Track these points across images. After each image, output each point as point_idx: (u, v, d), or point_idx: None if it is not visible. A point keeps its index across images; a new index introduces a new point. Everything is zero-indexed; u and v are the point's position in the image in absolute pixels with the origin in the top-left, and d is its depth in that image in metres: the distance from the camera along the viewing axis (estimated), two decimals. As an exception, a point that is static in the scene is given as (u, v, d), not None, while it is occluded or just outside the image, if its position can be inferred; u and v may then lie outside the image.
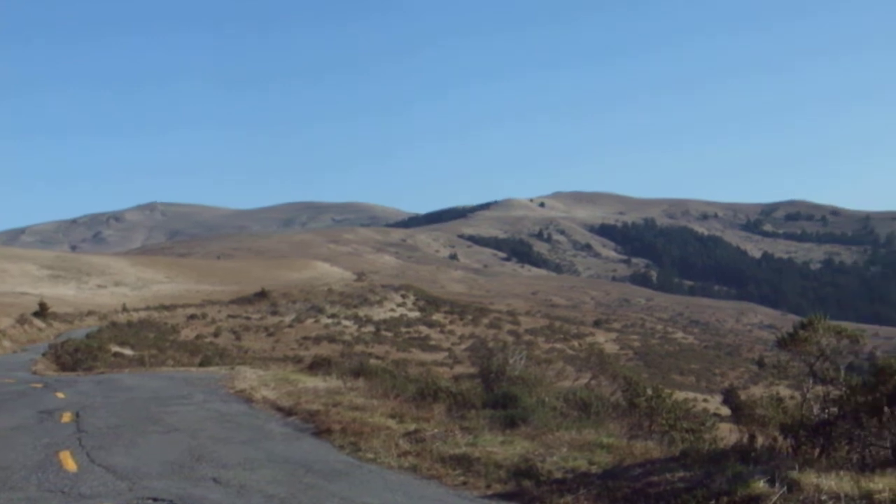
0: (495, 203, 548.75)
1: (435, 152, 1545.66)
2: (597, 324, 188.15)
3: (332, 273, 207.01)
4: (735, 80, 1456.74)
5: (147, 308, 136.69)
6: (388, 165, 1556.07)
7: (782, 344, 22.33)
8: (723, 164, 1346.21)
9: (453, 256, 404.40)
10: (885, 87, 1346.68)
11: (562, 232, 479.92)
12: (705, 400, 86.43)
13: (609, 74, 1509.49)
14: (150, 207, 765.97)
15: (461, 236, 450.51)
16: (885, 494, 13.23)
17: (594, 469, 17.11)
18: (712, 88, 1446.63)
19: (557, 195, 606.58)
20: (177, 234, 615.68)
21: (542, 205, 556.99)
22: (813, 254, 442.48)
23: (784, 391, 34.61)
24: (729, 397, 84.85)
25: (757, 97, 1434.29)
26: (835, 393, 20.55)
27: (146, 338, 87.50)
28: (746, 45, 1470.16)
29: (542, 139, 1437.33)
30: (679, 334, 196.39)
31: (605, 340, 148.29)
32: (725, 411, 65.34)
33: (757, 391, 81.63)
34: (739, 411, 29.03)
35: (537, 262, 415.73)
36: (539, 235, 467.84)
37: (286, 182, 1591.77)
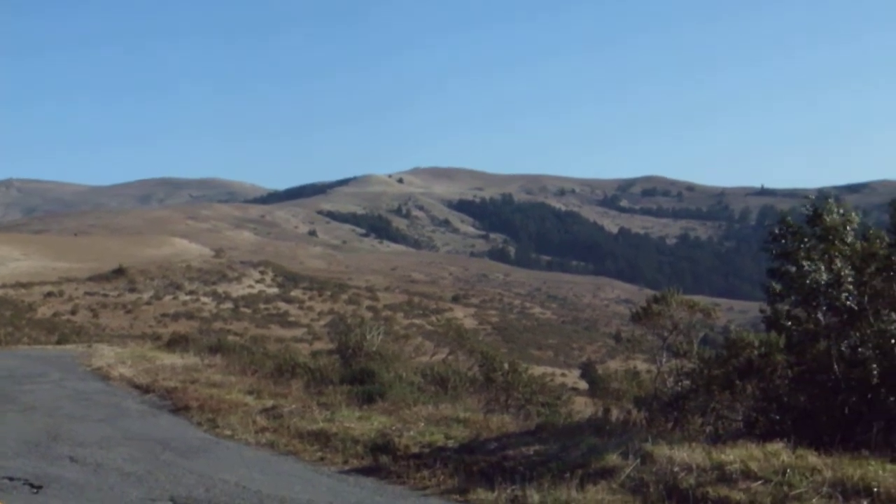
0: (354, 179, 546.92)
1: (294, 129, 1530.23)
2: (455, 299, 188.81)
3: (190, 250, 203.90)
4: (587, 54, 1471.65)
5: (3, 286, 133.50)
6: (248, 141, 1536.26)
7: (637, 318, 22.71)
8: (580, 140, 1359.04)
9: (312, 233, 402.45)
10: (738, 63, 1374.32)
11: (420, 208, 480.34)
12: (563, 374, 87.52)
13: (464, 49, 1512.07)
14: (6, 184, 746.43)
15: (320, 212, 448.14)
16: (736, 465, 13.42)
17: (451, 443, 17.19)
18: (566, 61, 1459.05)
19: (416, 171, 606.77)
20: (33, 210, 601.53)
21: (400, 181, 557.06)
22: (669, 229, 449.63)
23: (641, 365, 35.31)
24: (586, 371, 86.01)
25: (610, 70, 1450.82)
26: (688, 366, 20.92)
27: (1, 316, 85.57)
28: (596, 17, 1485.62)
29: (401, 116, 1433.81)
30: (537, 309, 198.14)
31: (463, 316, 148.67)
32: (583, 385, 66.11)
33: (614, 365, 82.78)
34: (596, 385, 29.47)
35: (396, 238, 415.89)
36: (398, 211, 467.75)
37: (143, 158, 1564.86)
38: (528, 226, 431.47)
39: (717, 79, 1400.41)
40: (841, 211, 17.18)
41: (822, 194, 19.89)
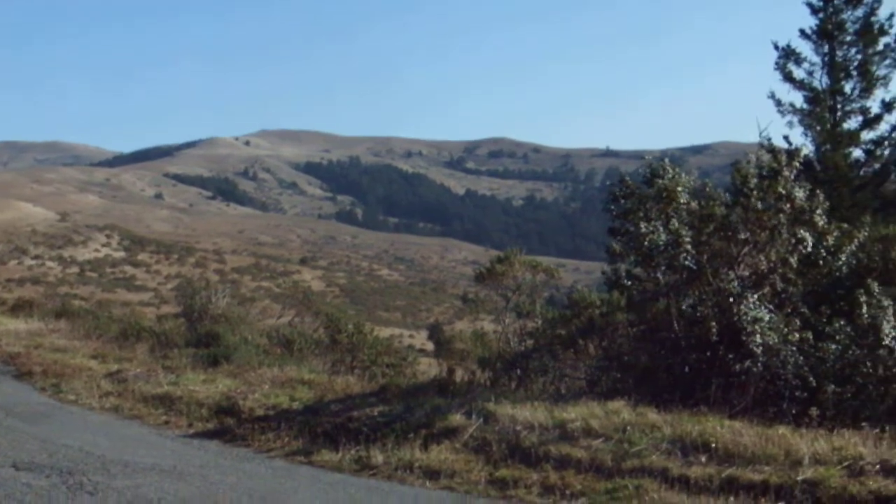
0: (201, 142, 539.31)
1: (140, 90, 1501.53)
2: (303, 262, 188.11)
3: (35, 214, 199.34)
4: (429, 13, 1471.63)
5: None
6: (92, 103, 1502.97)
7: (480, 278, 22.85)
8: (427, 102, 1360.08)
9: (159, 196, 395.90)
10: (578, 20, 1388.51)
11: (267, 170, 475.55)
12: (411, 336, 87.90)
13: (309, 12, 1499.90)
14: None
15: (167, 175, 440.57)
16: (578, 423, 13.61)
17: (296, 405, 17.27)
18: (407, 20, 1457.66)
19: (263, 133, 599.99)
20: None
21: (247, 143, 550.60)
22: (515, 190, 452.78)
23: (488, 326, 35.48)
24: (434, 333, 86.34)
25: (455, 28, 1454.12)
26: (531, 326, 21.12)
27: None
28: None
29: (248, 77, 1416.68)
30: (385, 271, 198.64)
31: (311, 278, 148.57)
32: (431, 347, 66.38)
33: (461, 326, 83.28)
34: (441, 346, 29.60)
35: (243, 200, 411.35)
36: (245, 174, 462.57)
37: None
38: (376, 188, 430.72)
39: (558, 35, 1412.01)
40: (673, 172, 17.45)
41: (666, 155, 20.22)
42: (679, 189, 17.20)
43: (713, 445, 12.37)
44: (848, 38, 29.24)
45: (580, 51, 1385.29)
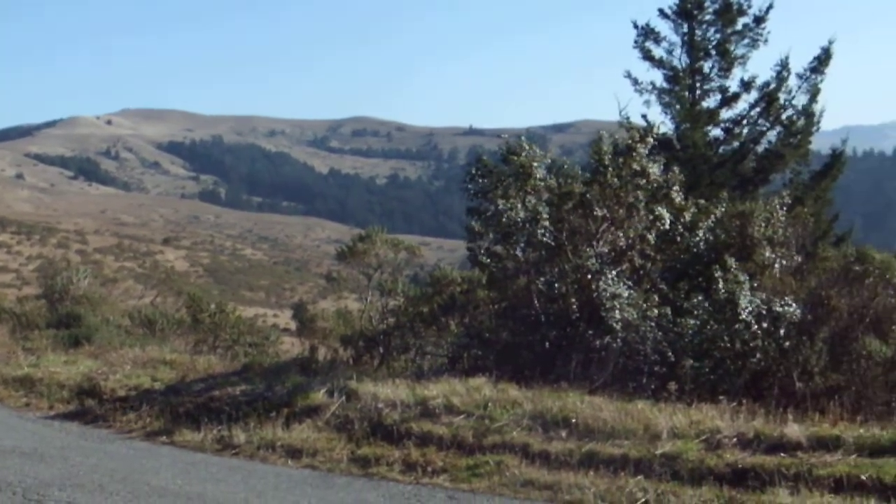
0: (61, 121, 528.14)
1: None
2: (166, 241, 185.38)
3: None
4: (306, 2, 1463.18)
5: None
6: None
7: (342, 257, 22.75)
8: (290, 81, 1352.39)
9: (20, 175, 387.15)
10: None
11: (130, 150, 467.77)
12: (275, 315, 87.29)
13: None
14: None
15: (27, 155, 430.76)
16: (439, 400, 13.66)
17: (157, 385, 17.24)
18: (279, 10, 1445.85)
19: (125, 112, 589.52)
20: None
21: (109, 122, 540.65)
22: (379, 169, 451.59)
23: (353, 305, 35.36)
24: (298, 312, 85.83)
25: (339, 20, 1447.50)
26: (393, 304, 21.11)
27: None
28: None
29: (109, 56, 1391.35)
30: (248, 250, 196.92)
31: (174, 258, 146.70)
32: (295, 326, 66.04)
33: (326, 305, 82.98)
34: (304, 325, 29.50)
35: (106, 180, 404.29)
36: (107, 153, 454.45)
37: None
38: (239, 167, 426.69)
39: (426, 25, 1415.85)
40: (530, 150, 17.56)
41: (530, 134, 20.32)
42: (535, 166, 17.32)
43: (573, 421, 12.47)
44: (707, 18, 29.55)
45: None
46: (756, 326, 16.01)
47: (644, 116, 28.96)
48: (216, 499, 10.83)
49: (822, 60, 29.30)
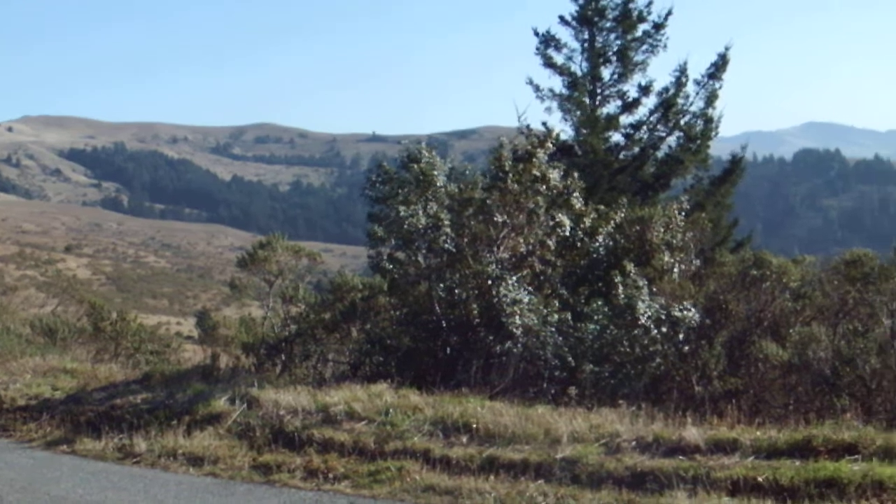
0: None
1: None
2: (68, 249, 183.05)
3: None
4: (208, 7, 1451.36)
5: None
6: None
7: (243, 264, 22.68)
8: (192, 88, 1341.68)
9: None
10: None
11: (31, 157, 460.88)
12: (178, 323, 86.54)
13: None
14: None
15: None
16: (341, 407, 13.66)
17: (58, 394, 17.03)
18: (181, 16, 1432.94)
19: (26, 119, 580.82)
20: None
21: (10, 129, 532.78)
22: (282, 176, 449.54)
23: (256, 312, 35.17)
24: (201, 319, 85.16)
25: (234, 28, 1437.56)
26: (295, 311, 21.04)
27: None
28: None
29: (9, 62, 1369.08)
30: (151, 258, 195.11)
31: (77, 266, 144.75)
32: (199, 334, 65.58)
33: (230, 313, 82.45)
34: (206, 333, 29.32)
35: (6, 188, 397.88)
36: (7, 161, 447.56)
37: None
38: (142, 174, 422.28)
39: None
40: (430, 156, 17.60)
41: (433, 140, 20.38)
42: (436, 173, 17.36)
43: (474, 426, 12.52)
44: (607, 25, 29.85)
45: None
46: (655, 331, 16.17)
47: (544, 123, 29.19)
48: (117, 508, 10.76)
49: (719, 66, 29.75)
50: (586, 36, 29.83)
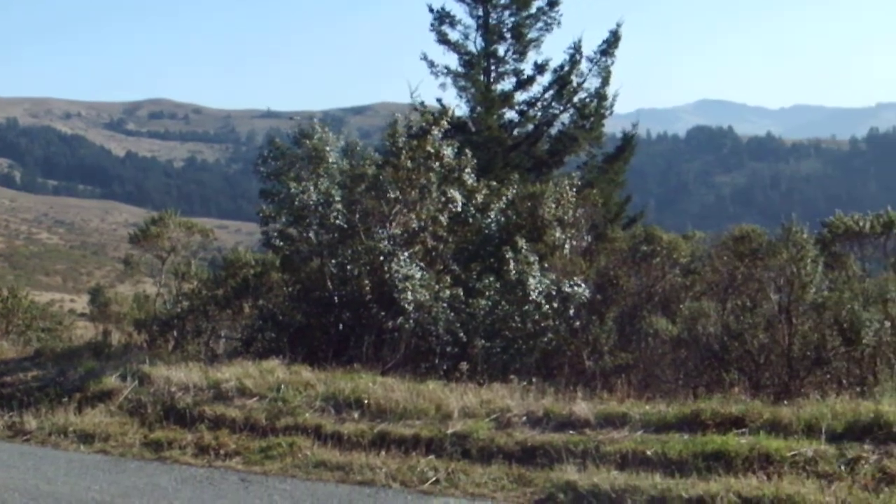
0: None
1: None
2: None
3: None
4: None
5: None
6: None
7: (135, 240, 22.47)
8: (84, 61, 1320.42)
9: None
10: None
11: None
12: (72, 300, 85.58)
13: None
14: None
15: None
16: (232, 383, 13.66)
17: None
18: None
19: None
20: None
21: None
22: (176, 152, 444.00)
23: (151, 288, 34.96)
24: (95, 297, 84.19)
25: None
26: (188, 287, 20.93)
27: None
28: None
29: None
30: (44, 235, 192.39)
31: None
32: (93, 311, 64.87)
33: (125, 290, 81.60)
34: (99, 310, 29.07)
35: None
36: None
37: None
38: (34, 150, 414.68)
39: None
40: (322, 133, 17.59)
41: (328, 116, 20.33)
42: (328, 149, 17.35)
43: (366, 402, 12.57)
44: (502, 2, 29.81)
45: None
46: (547, 306, 16.35)
47: (440, 100, 29.19)
48: (6, 485, 10.66)
49: (611, 43, 29.92)
50: (481, 13, 29.79)
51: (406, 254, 16.53)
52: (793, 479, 9.20)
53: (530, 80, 30.14)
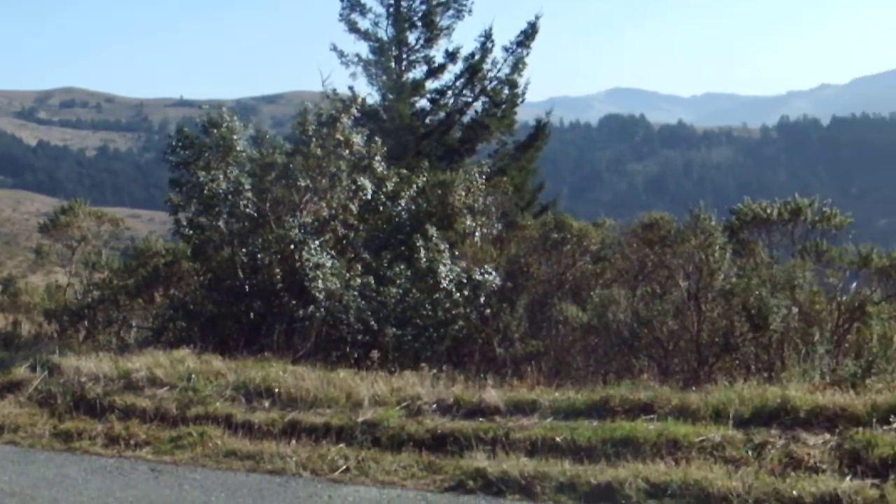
0: None
1: None
2: None
3: None
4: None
5: None
6: None
7: (45, 229, 22.32)
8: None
9: None
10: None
11: None
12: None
13: None
14: None
15: None
16: (143, 373, 13.61)
17: None
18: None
19: None
20: None
21: None
22: (88, 141, 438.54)
23: (62, 279, 34.70)
24: (6, 287, 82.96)
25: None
26: (99, 277, 20.80)
27: None
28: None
29: None
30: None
31: None
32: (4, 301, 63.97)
33: (36, 280, 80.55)
34: (8, 300, 28.74)
35: None
36: None
37: None
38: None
39: None
40: (230, 121, 17.56)
41: (241, 105, 20.29)
42: (236, 137, 17.34)
43: (276, 391, 12.59)
44: (413, -11, 29.92)
45: None
46: (457, 294, 16.47)
47: (351, 88, 29.21)
48: None
49: (529, 34, 30.13)
50: (392, 1, 29.86)
51: (317, 242, 16.54)
52: (700, 464, 9.33)
53: (441, 67, 30.28)
